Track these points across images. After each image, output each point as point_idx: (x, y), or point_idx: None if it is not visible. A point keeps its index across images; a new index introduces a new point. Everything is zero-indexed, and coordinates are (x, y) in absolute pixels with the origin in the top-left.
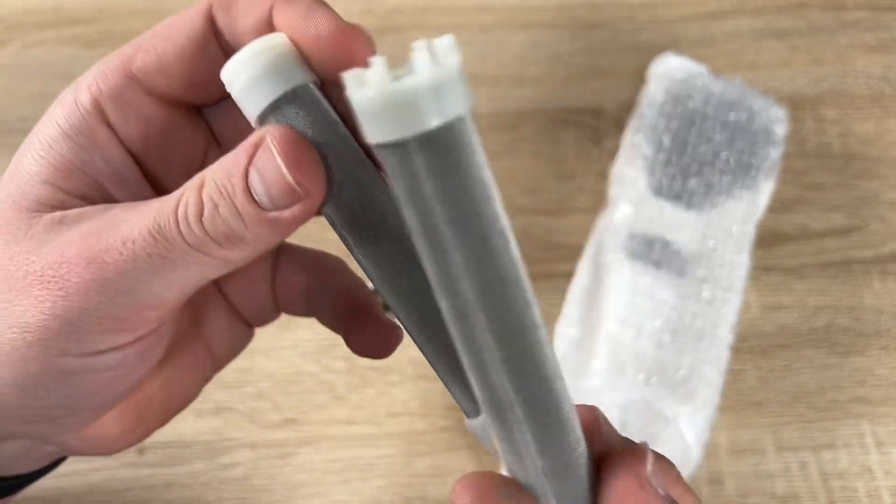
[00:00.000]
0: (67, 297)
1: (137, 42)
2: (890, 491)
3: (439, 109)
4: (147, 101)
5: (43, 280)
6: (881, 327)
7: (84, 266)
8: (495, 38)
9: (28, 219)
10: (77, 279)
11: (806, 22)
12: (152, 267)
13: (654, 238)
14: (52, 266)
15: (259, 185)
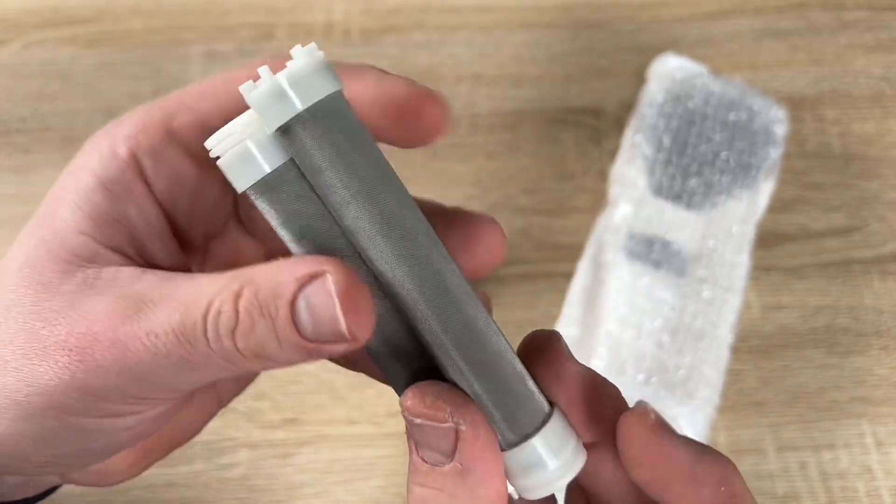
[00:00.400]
0: (88, 372)
1: (181, 98)
2: (890, 491)
3: (308, 92)
4: (182, 159)
5: (66, 347)
6: (881, 327)
7: (108, 346)
8: (495, 38)
9: (62, 272)
10: (99, 357)
11: (806, 22)
12: (171, 365)
13: (654, 238)
14: (77, 336)
15: (307, 317)
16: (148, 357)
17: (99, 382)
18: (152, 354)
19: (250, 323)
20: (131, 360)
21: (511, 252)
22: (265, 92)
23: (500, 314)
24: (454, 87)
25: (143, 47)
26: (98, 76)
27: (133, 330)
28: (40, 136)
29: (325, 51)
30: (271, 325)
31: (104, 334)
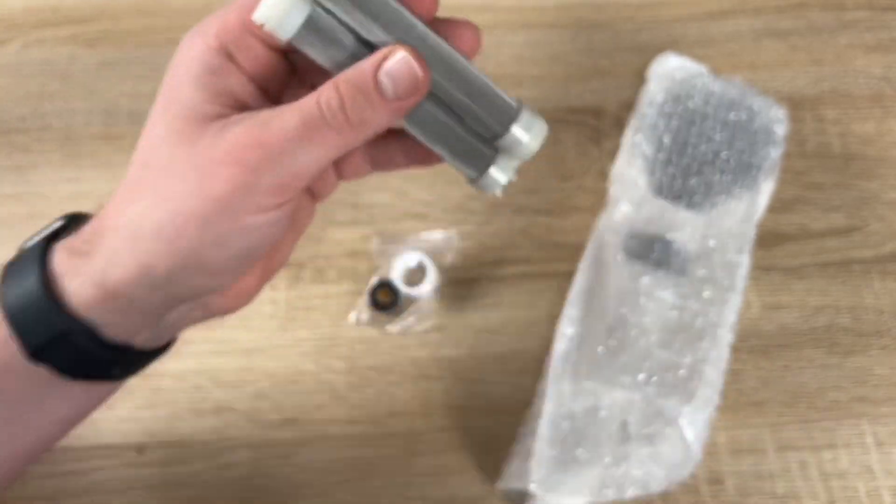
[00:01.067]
0: (245, 172)
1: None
2: (890, 491)
3: None
4: (257, 44)
5: (226, 162)
6: (881, 327)
7: (254, 148)
8: (496, 37)
9: (200, 127)
10: (251, 157)
11: (806, 22)
12: (301, 146)
13: (654, 237)
14: (231, 151)
15: (388, 82)
16: (283, 145)
17: (254, 178)
18: (287, 141)
19: (351, 97)
20: (274, 153)
21: (512, 252)
22: None
23: (501, 313)
24: None
25: (142, 47)
26: (98, 75)
27: (270, 131)
28: (40, 136)
29: None
30: (366, 95)
31: (249, 142)
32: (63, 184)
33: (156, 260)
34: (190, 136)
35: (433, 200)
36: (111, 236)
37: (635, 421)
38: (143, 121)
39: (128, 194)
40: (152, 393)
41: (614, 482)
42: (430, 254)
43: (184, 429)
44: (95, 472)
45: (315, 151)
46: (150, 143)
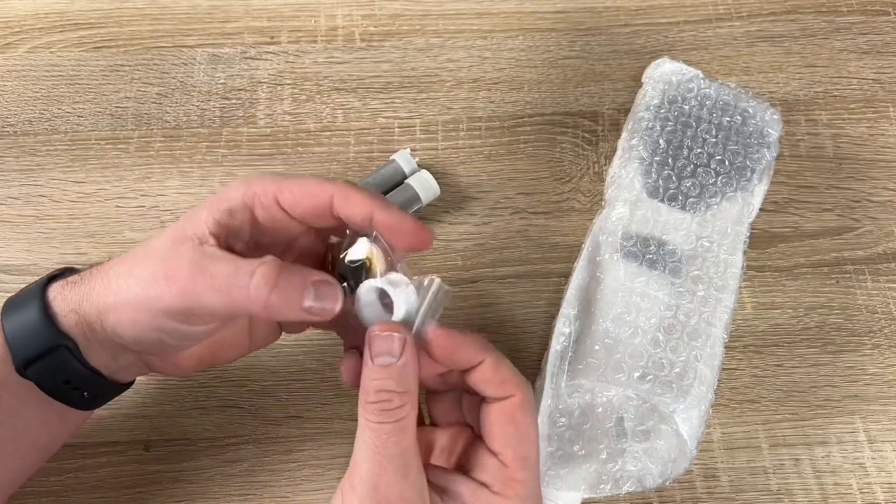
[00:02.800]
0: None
1: (290, 183)
2: (883, 487)
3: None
4: (280, 214)
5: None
6: (873, 326)
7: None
8: (494, 42)
9: (192, 245)
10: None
11: (799, 26)
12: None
13: (649, 238)
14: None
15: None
16: (204, 287)
17: (175, 301)
18: (208, 285)
19: (282, 288)
20: (195, 288)
21: (509, 252)
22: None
23: (498, 313)
24: (454, 90)
25: (148, 51)
26: (104, 79)
27: (201, 271)
28: (47, 139)
29: (328, 55)
30: (289, 295)
31: (185, 272)
32: (70, 186)
33: (110, 315)
34: (173, 243)
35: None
36: (97, 283)
37: (631, 417)
38: (150, 124)
39: (128, 256)
40: (158, 391)
41: (611, 478)
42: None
43: (189, 425)
44: (103, 469)
45: (228, 308)
46: (161, 235)
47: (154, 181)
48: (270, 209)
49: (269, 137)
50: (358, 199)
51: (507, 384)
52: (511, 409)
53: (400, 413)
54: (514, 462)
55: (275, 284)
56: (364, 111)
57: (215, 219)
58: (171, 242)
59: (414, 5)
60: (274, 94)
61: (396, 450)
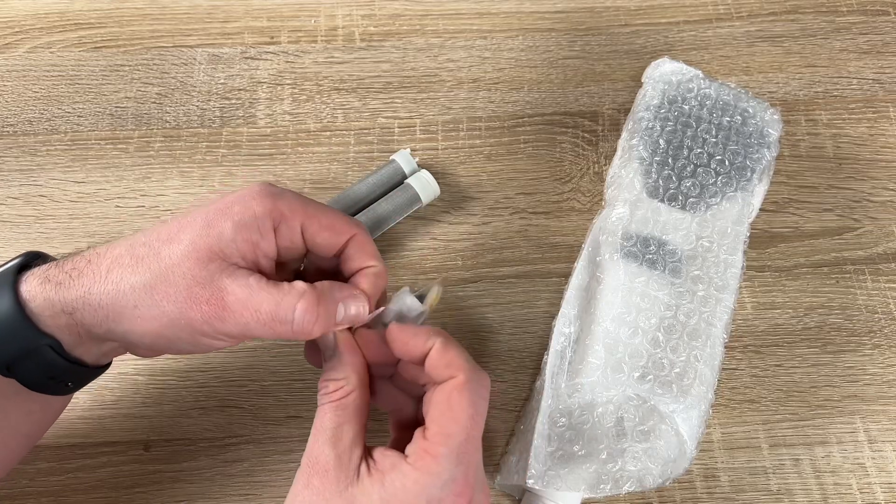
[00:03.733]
0: (214, 320)
1: (317, 211)
2: (883, 487)
3: None
4: (299, 240)
5: (207, 303)
6: (873, 326)
7: (229, 310)
8: (494, 42)
9: (209, 259)
10: (223, 314)
11: (799, 26)
12: (258, 328)
13: (649, 238)
14: (215, 299)
15: (342, 312)
16: (250, 321)
17: (221, 325)
18: (254, 320)
19: (322, 315)
20: (240, 320)
21: (509, 252)
22: None
23: (499, 312)
24: (454, 90)
25: (148, 51)
26: (104, 79)
27: (246, 305)
28: (47, 138)
29: (328, 55)
30: (325, 318)
31: (232, 302)
32: (70, 186)
33: (122, 323)
34: (199, 261)
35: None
36: (95, 286)
37: (631, 417)
38: (149, 124)
39: (130, 261)
40: (158, 391)
41: (611, 478)
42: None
43: (189, 425)
44: (103, 469)
45: (263, 334)
46: (171, 242)
47: (154, 181)
48: (293, 233)
49: (269, 137)
50: (371, 251)
51: (453, 366)
52: (449, 388)
53: (335, 395)
54: (435, 437)
55: (316, 317)
56: (364, 111)
57: (243, 237)
58: (195, 259)
59: (414, 5)
60: (274, 94)
61: (330, 423)
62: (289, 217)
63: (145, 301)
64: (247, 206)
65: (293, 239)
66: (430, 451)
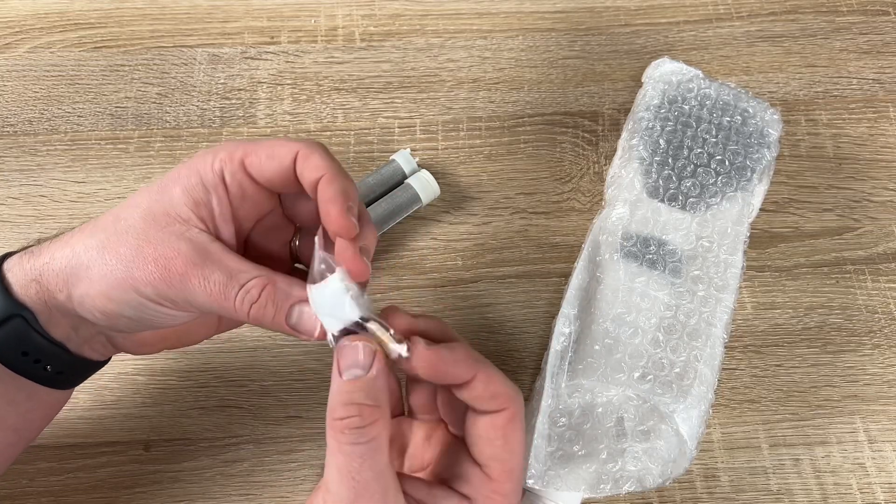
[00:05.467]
0: (162, 282)
1: (256, 147)
2: (883, 487)
3: None
4: (246, 181)
5: (157, 264)
6: (873, 326)
7: (179, 272)
8: (494, 42)
9: (167, 222)
10: (172, 275)
11: (799, 26)
12: (206, 298)
13: (649, 238)
14: (165, 260)
15: (296, 316)
16: (196, 287)
17: (164, 288)
18: (200, 287)
19: (263, 304)
20: (187, 285)
21: (510, 252)
22: None
23: (499, 312)
24: (454, 90)
25: (148, 51)
26: (104, 79)
27: (197, 270)
28: (48, 138)
29: (328, 55)
30: (273, 312)
31: (180, 265)
32: (70, 186)
33: (78, 286)
34: (155, 222)
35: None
36: (57, 252)
37: (631, 417)
38: (149, 123)
39: (91, 228)
40: (158, 391)
41: (611, 478)
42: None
43: (189, 425)
44: (103, 469)
45: (211, 306)
46: (129, 207)
47: (154, 181)
48: (237, 176)
49: (269, 137)
50: (316, 161)
51: (499, 398)
52: (502, 422)
53: (371, 432)
54: (500, 476)
55: (261, 304)
56: (364, 111)
57: (192, 197)
58: (149, 220)
59: (414, 5)
60: (274, 94)
61: (371, 473)
62: (228, 161)
63: (96, 260)
64: (191, 168)
65: (243, 185)
66: (498, 492)
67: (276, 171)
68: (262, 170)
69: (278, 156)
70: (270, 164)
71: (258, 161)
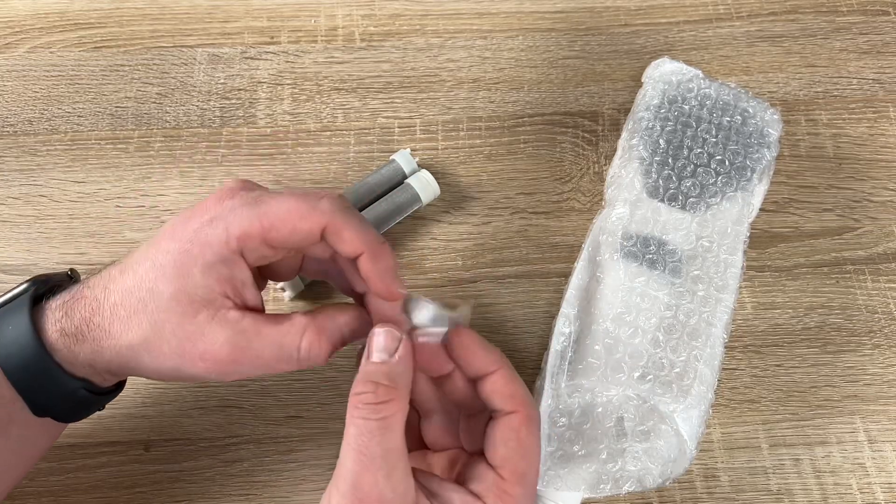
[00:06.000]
0: (211, 373)
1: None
2: (883, 487)
3: None
4: (268, 250)
5: (202, 359)
6: (873, 326)
7: (226, 362)
8: (494, 42)
9: (195, 310)
10: (221, 367)
11: (799, 26)
12: (264, 370)
13: (649, 238)
14: (210, 353)
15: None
16: (248, 367)
17: (217, 376)
18: (253, 366)
19: (317, 351)
20: (239, 368)
21: (510, 252)
22: None
23: (499, 312)
24: (454, 90)
25: (148, 51)
26: (104, 79)
27: (245, 354)
28: (47, 138)
29: (328, 55)
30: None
31: (225, 355)
32: (70, 186)
33: (128, 371)
34: (184, 316)
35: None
36: (104, 342)
37: (631, 417)
38: (149, 123)
39: (124, 313)
40: (159, 391)
41: (611, 478)
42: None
43: (189, 425)
44: (103, 469)
45: (272, 372)
46: (155, 295)
47: (154, 181)
48: (258, 251)
49: (269, 137)
50: (350, 236)
51: (516, 399)
52: (517, 423)
53: (385, 410)
54: (511, 476)
55: (321, 351)
56: (364, 111)
57: (213, 276)
58: (178, 313)
59: (414, 5)
60: (274, 94)
61: (379, 449)
62: (246, 239)
63: (146, 358)
64: (203, 245)
65: (264, 253)
66: (508, 492)
67: (300, 243)
68: (286, 243)
69: (302, 231)
70: (294, 238)
71: (280, 238)
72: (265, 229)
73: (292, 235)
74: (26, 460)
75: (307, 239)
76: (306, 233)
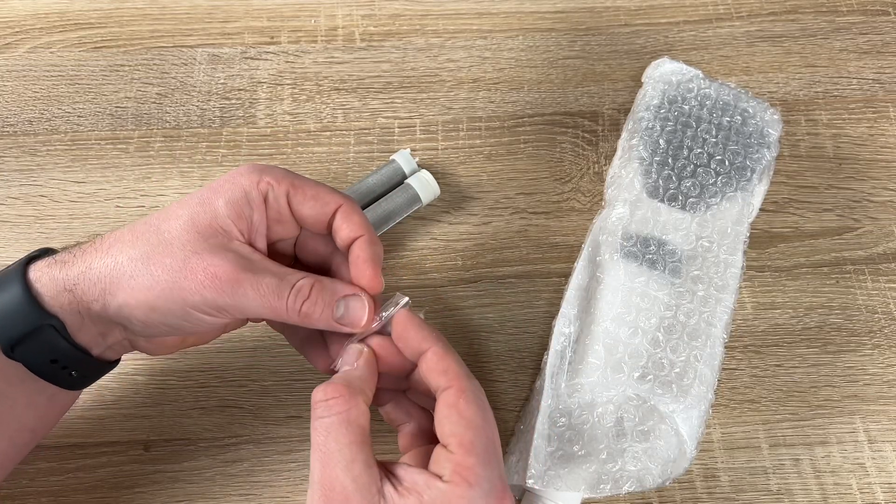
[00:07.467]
0: (212, 290)
1: (303, 183)
2: (883, 487)
3: None
4: (286, 209)
5: (205, 273)
6: (873, 326)
7: (228, 280)
8: (494, 42)
9: (211, 233)
10: (221, 284)
11: (799, 26)
12: (258, 301)
13: (649, 238)
14: (213, 269)
15: (342, 310)
16: (249, 292)
17: (214, 297)
18: (253, 291)
19: (314, 301)
20: (238, 291)
21: (510, 252)
22: None
23: (499, 312)
24: (454, 90)
25: (148, 51)
26: (104, 79)
27: (249, 276)
28: (48, 138)
29: (328, 55)
30: (321, 307)
31: (230, 273)
32: (70, 186)
33: (118, 295)
34: (200, 234)
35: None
36: (95, 261)
37: (631, 417)
38: (149, 123)
39: (130, 237)
40: (159, 391)
41: (610, 477)
42: None
43: (189, 425)
44: (103, 469)
45: (260, 310)
46: (170, 219)
47: (154, 181)
48: (280, 201)
49: (269, 137)
50: (357, 221)
51: (449, 373)
52: (453, 397)
53: (335, 407)
54: (459, 448)
55: (316, 301)
56: (364, 111)
57: (235, 210)
58: (193, 232)
59: (414, 5)
60: (274, 94)
61: (335, 445)
62: (275, 185)
63: (141, 270)
64: (235, 183)
65: (281, 211)
66: (462, 464)
67: (314, 213)
68: (303, 206)
69: (323, 201)
70: (313, 204)
71: (302, 197)
72: (293, 186)
73: (312, 201)
74: (7, 424)
75: (322, 213)
76: (323, 204)
